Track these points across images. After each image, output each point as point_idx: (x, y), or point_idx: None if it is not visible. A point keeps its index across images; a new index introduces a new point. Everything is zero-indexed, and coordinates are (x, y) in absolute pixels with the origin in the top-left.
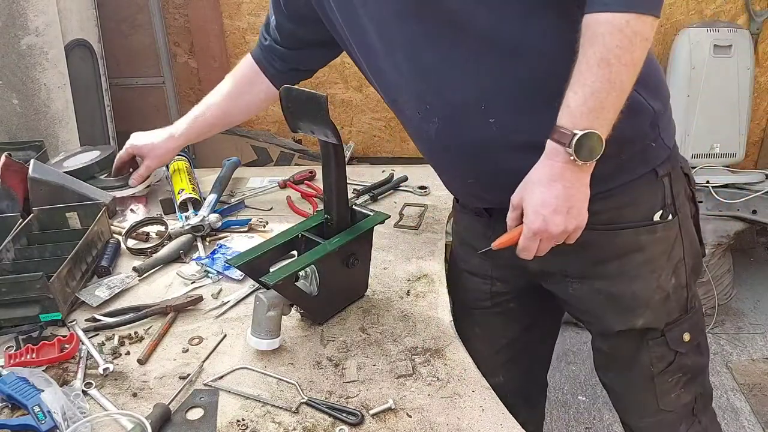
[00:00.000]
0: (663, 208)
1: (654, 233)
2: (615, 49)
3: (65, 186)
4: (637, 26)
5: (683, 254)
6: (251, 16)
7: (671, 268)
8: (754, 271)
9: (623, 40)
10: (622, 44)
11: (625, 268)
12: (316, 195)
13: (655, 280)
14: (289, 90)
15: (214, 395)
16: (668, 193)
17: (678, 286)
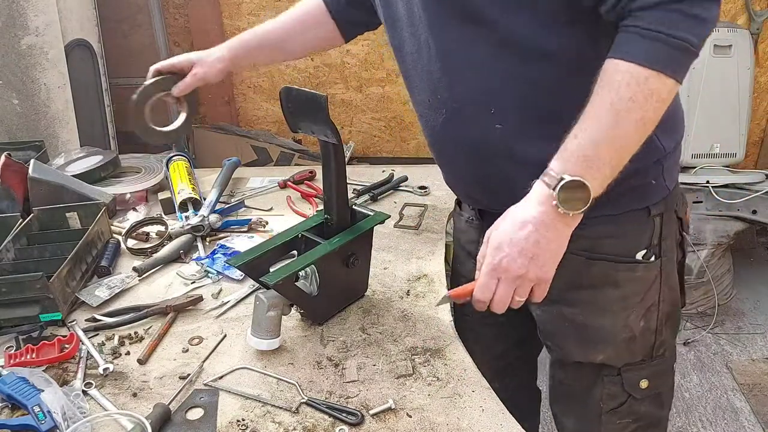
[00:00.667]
0: (648, 248)
1: (633, 271)
2: (627, 101)
3: (65, 186)
4: (656, 85)
5: (659, 299)
6: (251, 16)
7: (643, 309)
8: (754, 271)
9: (638, 95)
10: (636, 99)
11: (596, 300)
12: (316, 195)
13: (624, 318)
14: (289, 90)
15: (214, 395)
16: (657, 233)
17: (646, 330)
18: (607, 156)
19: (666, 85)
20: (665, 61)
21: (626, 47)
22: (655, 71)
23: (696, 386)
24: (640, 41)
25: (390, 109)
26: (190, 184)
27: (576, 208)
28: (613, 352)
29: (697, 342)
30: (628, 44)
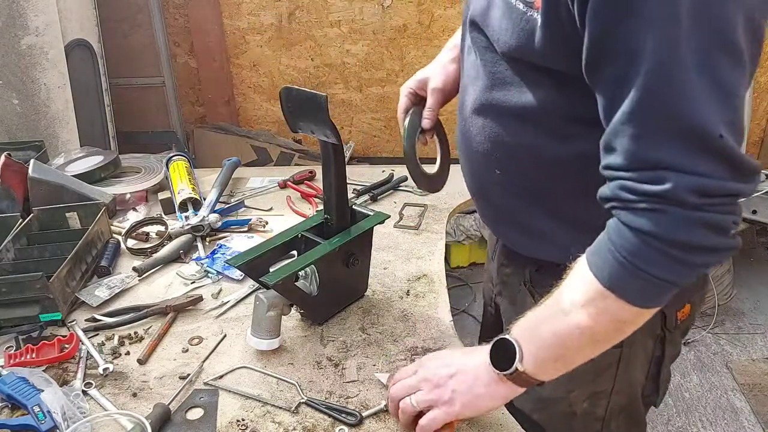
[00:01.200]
0: None
1: None
2: (579, 308)
3: (65, 186)
4: (615, 308)
5: (612, 389)
6: (251, 16)
7: (589, 392)
8: (754, 271)
9: (591, 308)
10: (589, 312)
11: None
12: (316, 195)
13: (566, 391)
14: (289, 90)
15: (214, 395)
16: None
17: (589, 415)
18: (548, 346)
19: (629, 312)
20: (634, 293)
21: (598, 257)
22: (618, 297)
23: (696, 386)
24: (609, 260)
25: (390, 109)
26: (190, 184)
27: (499, 365)
28: (548, 418)
29: (697, 342)
30: (600, 254)
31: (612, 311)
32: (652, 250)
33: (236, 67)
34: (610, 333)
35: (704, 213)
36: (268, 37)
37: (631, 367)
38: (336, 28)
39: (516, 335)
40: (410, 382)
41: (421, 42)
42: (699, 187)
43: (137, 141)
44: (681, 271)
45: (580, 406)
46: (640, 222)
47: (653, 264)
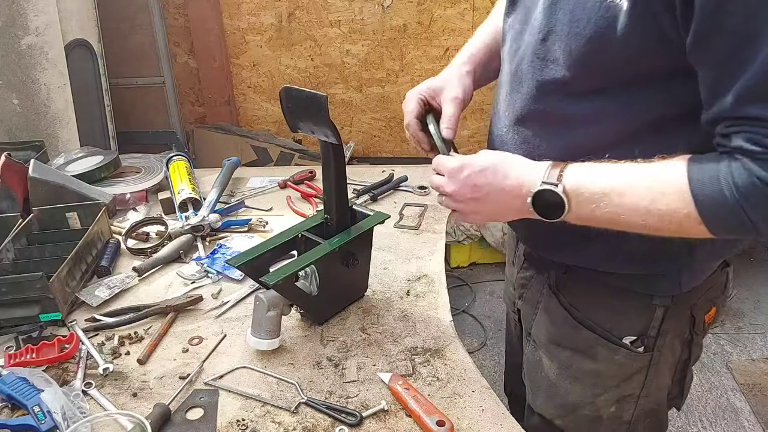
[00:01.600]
0: (639, 336)
1: (613, 353)
2: (655, 209)
3: (65, 186)
4: (691, 226)
5: (640, 393)
6: (251, 16)
7: (617, 396)
8: (754, 271)
9: (668, 216)
10: (663, 217)
11: (571, 365)
12: (316, 195)
13: (593, 396)
14: (289, 90)
15: (214, 395)
16: (655, 325)
17: (616, 418)
18: (600, 212)
19: (697, 230)
20: (718, 224)
21: (706, 181)
22: (703, 222)
23: (696, 386)
24: (719, 191)
25: (390, 109)
26: (190, 184)
27: (536, 208)
28: (572, 423)
29: None
30: (710, 182)
31: (685, 226)
32: (764, 196)
33: (236, 67)
34: (665, 233)
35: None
36: (268, 37)
37: (660, 370)
38: (336, 28)
39: (572, 196)
40: (440, 190)
41: (421, 42)
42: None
43: (137, 141)
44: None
45: (606, 411)
46: (763, 172)
47: (757, 208)
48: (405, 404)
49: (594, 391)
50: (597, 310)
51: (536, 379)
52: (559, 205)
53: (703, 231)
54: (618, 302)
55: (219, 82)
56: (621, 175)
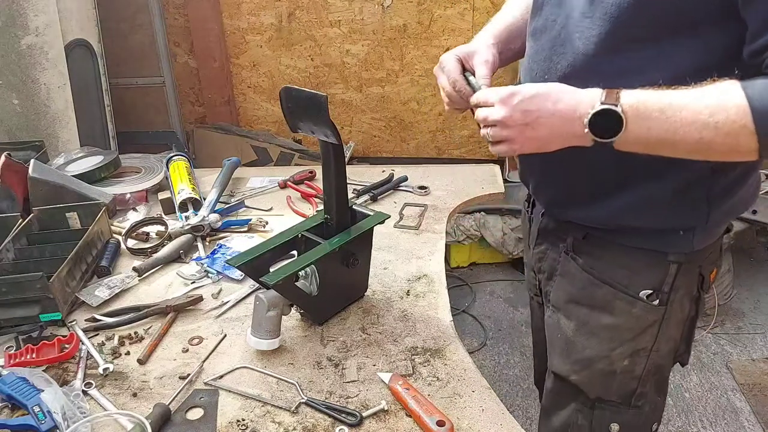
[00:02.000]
0: (654, 291)
1: (631, 306)
2: (714, 125)
3: (65, 186)
4: (744, 141)
5: (652, 347)
6: (251, 16)
7: (631, 350)
8: (754, 271)
9: (729, 134)
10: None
11: (589, 321)
12: (316, 195)
13: (609, 349)
14: (289, 90)
15: (214, 395)
16: (669, 281)
17: (628, 372)
18: (657, 133)
19: (750, 147)
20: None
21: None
22: (756, 133)
23: (696, 386)
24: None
25: (390, 109)
26: (190, 184)
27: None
28: (586, 378)
29: (697, 342)
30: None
31: (739, 140)
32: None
33: (236, 67)
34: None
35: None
36: (268, 37)
37: (671, 325)
38: (336, 28)
39: (630, 113)
40: (489, 119)
41: (421, 42)
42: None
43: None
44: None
45: (620, 364)
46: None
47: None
48: (405, 404)
49: (610, 345)
50: (615, 269)
51: (554, 340)
52: (617, 121)
53: (752, 147)
54: (635, 260)
55: (219, 82)
56: (678, 94)
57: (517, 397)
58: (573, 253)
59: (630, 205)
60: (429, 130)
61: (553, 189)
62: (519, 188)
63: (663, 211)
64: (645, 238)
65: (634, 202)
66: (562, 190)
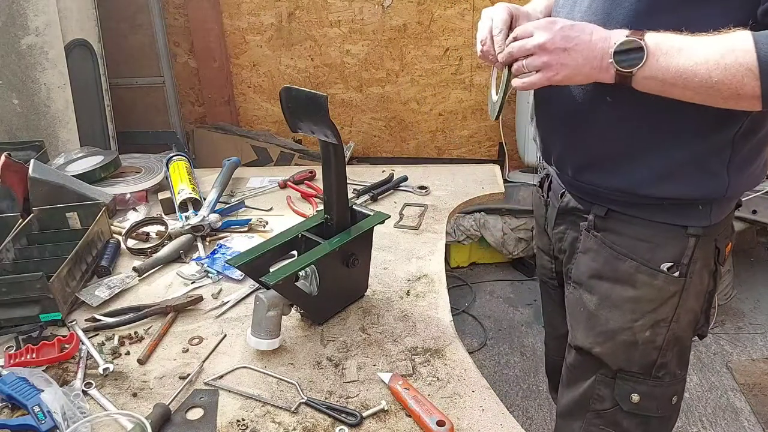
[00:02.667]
0: (675, 263)
1: (653, 278)
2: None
3: (65, 186)
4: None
5: (672, 317)
6: (251, 16)
7: (652, 321)
8: (754, 271)
9: (736, 75)
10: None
11: (611, 294)
12: (316, 195)
13: (631, 321)
14: (289, 90)
15: (214, 395)
16: (688, 253)
17: (649, 343)
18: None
19: (752, 93)
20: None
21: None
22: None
23: (696, 386)
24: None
25: (390, 109)
26: (190, 184)
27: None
28: (609, 350)
29: (697, 342)
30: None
31: (744, 83)
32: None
33: (236, 67)
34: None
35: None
36: (268, 37)
37: (690, 297)
38: (336, 28)
39: (651, 47)
40: (528, 45)
41: (421, 42)
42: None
43: (137, 141)
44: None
45: (642, 335)
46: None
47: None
48: (405, 404)
49: (632, 317)
50: (636, 243)
51: (576, 315)
52: (639, 54)
53: (756, 93)
54: (655, 234)
55: (219, 82)
56: (696, 38)
57: (517, 397)
58: (595, 230)
59: (654, 174)
60: (429, 130)
61: (580, 154)
62: (519, 188)
63: (685, 181)
64: (666, 212)
65: (658, 170)
66: (588, 154)
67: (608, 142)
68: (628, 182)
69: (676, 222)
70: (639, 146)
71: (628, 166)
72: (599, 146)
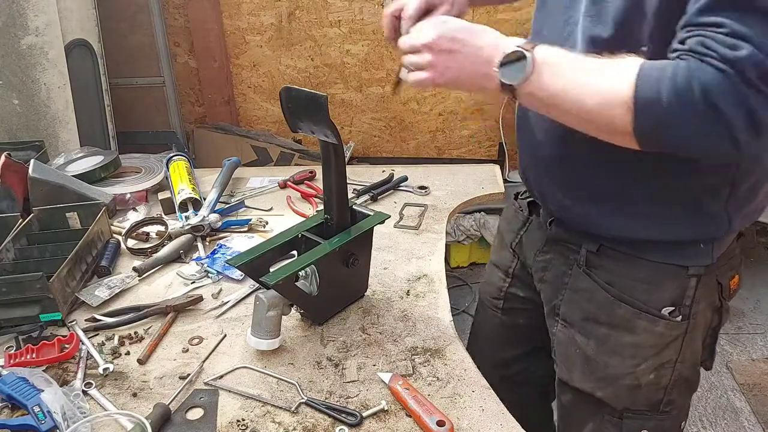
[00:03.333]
0: (676, 306)
1: (653, 324)
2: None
3: (65, 186)
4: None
5: (677, 359)
6: (251, 16)
7: (655, 365)
8: (754, 271)
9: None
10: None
11: (609, 340)
12: (316, 195)
13: (632, 366)
14: (289, 90)
15: (214, 395)
16: (690, 294)
17: (654, 384)
18: (553, 87)
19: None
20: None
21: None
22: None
23: None
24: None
25: (390, 109)
26: (190, 184)
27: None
28: (612, 393)
29: None
30: (652, 70)
31: (613, 111)
32: (693, 97)
33: (236, 67)
34: (596, 121)
35: (754, 87)
36: (268, 37)
37: (695, 336)
38: (336, 28)
39: (539, 62)
40: (416, 43)
41: None
42: (763, 66)
43: (137, 141)
44: (701, 131)
45: (645, 378)
46: (703, 75)
47: (688, 113)
48: (405, 404)
49: (633, 362)
50: (633, 284)
51: (570, 356)
52: (524, 62)
53: (627, 128)
54: (654, 274)
55: (219, 82)
56: (589, 60)
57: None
58: (586, 267)
59: (645, 217)
60: (429, 130)
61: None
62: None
63: (682, 224)
64: (663, 251)
65: (650, 212)
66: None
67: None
68: (617, 226)
69: (675, 262)
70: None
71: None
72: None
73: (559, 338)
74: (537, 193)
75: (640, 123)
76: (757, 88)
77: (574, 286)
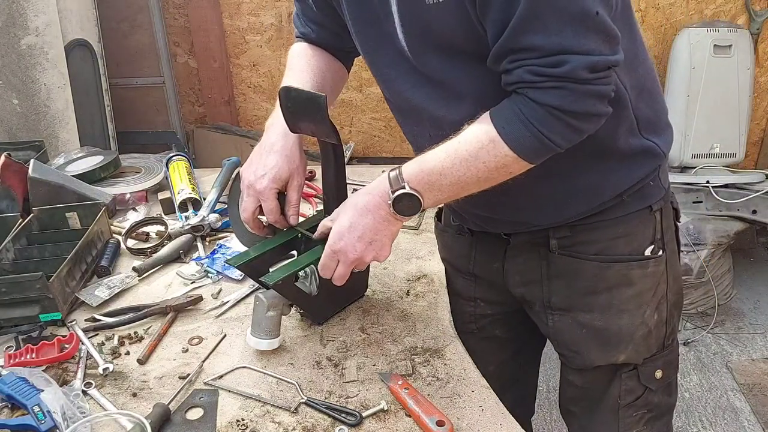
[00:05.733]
0: (653, 242)
1: (645, 268)
2: (481, 164)
3: (65, 186)
4: (512, 164)
5: (667, 290)
6: (251, 16)
7: (655, 303)
8: (754, 271)
9: (492, 164)
10: (489, 166)
11: (614, 302)
12: (316, 195)
13: (641, 315)
14: (288, 90)
15: (214, 395)
16: (659, 228)
17: (659, 322)
18: (447, 190)
19: (520, 166)
20: (531, 153)
21: (507, 124)
22: (521, 159)
23: (696, 386)
24: (520, 127)
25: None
26: (190, 184)
27: (405, 214)
28: (633, 351)
29: (697, 342)
30: (509, 123)
31: (508, 166)
32: (555, 119)
33: (236, 67)
34: (501, 178)
35: (593, 86)
36: (268, 37)
37: (673, 264)
38: None
39: (417, 187)
40: (345, 255)
41: None
42: (589, 64)
43: (137, 141)
44: (572, 136)
45: (652, 321)
46: (547, 98)
47: (554, 131)
48: (405, 404)
49: (640, 311)
50: (615, 244)
51: (578, 340)
52: (410, 196)
53: (524, 165)
54: (628, 226)
55: (219, 82)
56: (445, 149)
57: None
58: (561, 250)
59: (595, 187)
60: None
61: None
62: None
63: (626, 172)
64: (626, 204)
65: (598, 182)
66: (523, 212)
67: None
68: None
69: (640, 207)
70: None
71: (569, 198)
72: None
73: (558, 328)
74: (480, 223)
75: (531, 159)
76: (594, 81)
77: (556, 272)
